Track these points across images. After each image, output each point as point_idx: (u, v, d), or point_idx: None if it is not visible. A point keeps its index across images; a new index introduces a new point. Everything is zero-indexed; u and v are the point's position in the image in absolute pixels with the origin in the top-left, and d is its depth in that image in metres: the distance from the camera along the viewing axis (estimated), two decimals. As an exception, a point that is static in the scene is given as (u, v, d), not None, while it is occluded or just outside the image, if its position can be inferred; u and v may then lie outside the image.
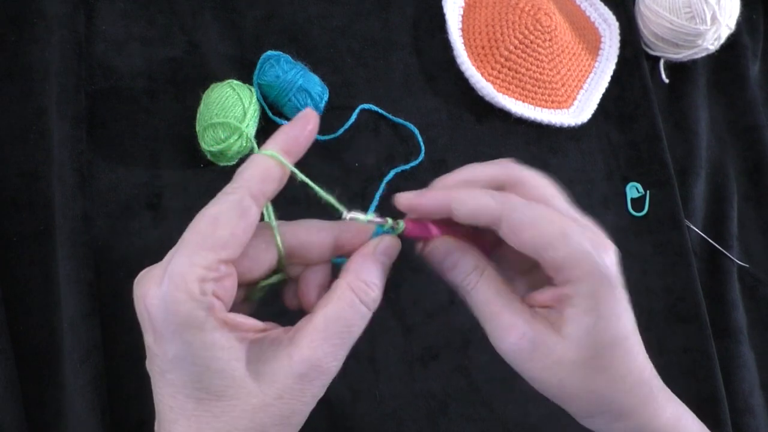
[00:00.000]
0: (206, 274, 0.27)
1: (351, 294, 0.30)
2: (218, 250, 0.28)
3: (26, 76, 0.52)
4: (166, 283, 0.27)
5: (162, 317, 0.27)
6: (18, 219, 0.49)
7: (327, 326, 0.29)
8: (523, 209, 0.30)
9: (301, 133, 0.32)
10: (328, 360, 0.29)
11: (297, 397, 0.28)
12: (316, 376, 0.29)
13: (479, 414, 0.52)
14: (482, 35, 0.61)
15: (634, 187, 0.62)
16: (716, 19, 0.62)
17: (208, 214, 0.29)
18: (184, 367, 0.28)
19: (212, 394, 0.28)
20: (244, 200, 0.29)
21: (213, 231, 0.28)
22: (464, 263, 0.32)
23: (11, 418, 0.44)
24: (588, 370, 0.30)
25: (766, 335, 0.62)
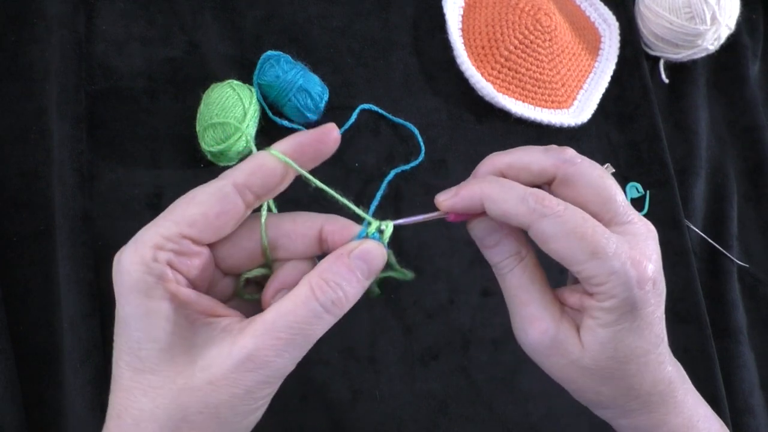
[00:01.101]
0: (163, 243, 0.28)
1: (308, 290, 0.28)
2: (183, 224, 0.28)
3: (26, 76, 0.52)
4: (128, 246, 0.28)
5: (116, 278, 0.27)
6: (18, 219, 0.49)
7: (276, 319, 0.27)
8: (553, 221, 0.29)
9: (310, 141, 0.31)
10: (269, 353, 0.27)
11: (228, 386, 0.27)
12: (254, 368, 0.27)
13: (479, 414, 0.52)
14: (482, 35, 0.61)
15: (634, 187, 0.62)
16: (716, 19, 0.62)
17: (190, 194, 0.29)
18: (127, 332, 0.27)
19: (147, 365, 0.27)
20: (226, 186, 0.29)
21: (185, 207, 0.29)
22: (505, 245, 0.33)
23: (11, 418, 0.44)
24: (599, 376, 0.31)
25: (766, 335, 0.62)
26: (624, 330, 0.30)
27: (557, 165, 0.31)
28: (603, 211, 0.31)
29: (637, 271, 0.29)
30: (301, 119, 0.55)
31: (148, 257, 0.27)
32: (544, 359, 0.32)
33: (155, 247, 0.27)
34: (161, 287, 0.27)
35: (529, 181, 0.32)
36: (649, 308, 0.30)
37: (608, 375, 0.31)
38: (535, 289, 0.32)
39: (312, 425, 0.49)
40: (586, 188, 0.31)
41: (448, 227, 0.55)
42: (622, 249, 0.29)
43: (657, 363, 0.32)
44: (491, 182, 0.32)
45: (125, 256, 0.27)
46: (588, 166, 0.31)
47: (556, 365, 0.32)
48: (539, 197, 0.30)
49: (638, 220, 0.31)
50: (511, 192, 0.31)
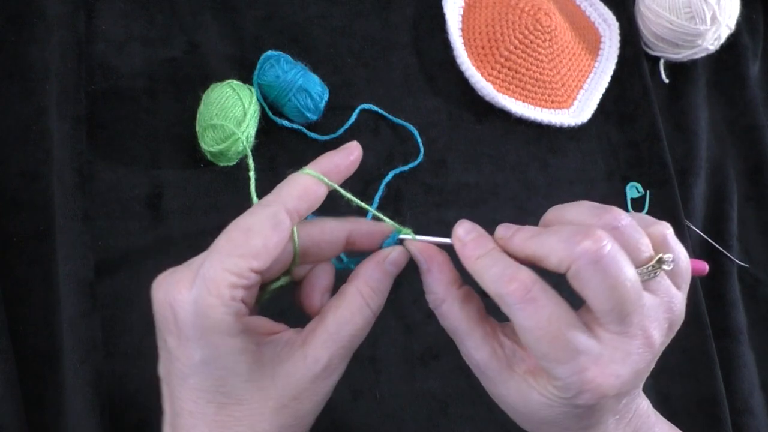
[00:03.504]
0: (237, 281, 0.28)
1: (360, 299, 0.31)
2: (250, 259, 0.28)
3: (26, 76, 0.52)
4: (198, 287, 0.27)
5: (191, 321, 0.27)
6: (18, 219, 0.49)
7: (338, 329, 0.30)
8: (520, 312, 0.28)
9: (343, 161, 0.33)
10: (338, 361, 0.30)
11: (310, 397, 0.30)
12: (327, 375, 0.30)
13: (479, 414, 0.52)
14: (482, 35, 0.61)
15: (634, 187, 0.62)
16: (716, 19, 0.62)
17: (243, 224, 0.29)
18: (209, 371, 0.28)
19: (234, 398, 0.28)
20: (279, 214, 0.30)
21: (246, 240, 0.28)
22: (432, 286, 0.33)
23: (11, 418, 0.44)
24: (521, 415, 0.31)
25: (766, 335, 0.62)
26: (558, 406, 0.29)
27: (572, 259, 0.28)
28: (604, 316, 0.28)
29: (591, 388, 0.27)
30: (301, 119, 0.55)
31: (226, 297, 0.27)
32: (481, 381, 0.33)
33: (231, 286, 0.28)
34: (239, 323, 0.28)
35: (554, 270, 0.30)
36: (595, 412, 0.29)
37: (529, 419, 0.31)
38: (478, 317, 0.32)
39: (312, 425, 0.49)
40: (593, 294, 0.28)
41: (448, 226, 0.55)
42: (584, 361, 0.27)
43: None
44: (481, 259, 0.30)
45: (200, 298, 0.27)
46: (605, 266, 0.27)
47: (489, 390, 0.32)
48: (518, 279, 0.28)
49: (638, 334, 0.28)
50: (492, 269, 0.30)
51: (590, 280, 0.27)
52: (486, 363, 0.31)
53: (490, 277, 0.29)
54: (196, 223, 0.52)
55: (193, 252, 0.51)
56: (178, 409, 0.29)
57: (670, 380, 0.56)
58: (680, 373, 0.56)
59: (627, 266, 0.28)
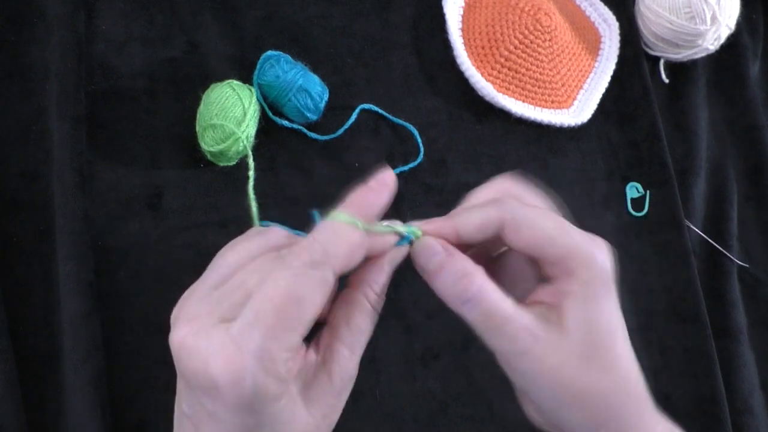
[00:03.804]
0: (289, 356, 0.27)
1: (369, 308, 0.31)
2: (302, 329, 0.27)
3: (26, 76, 0.52)
4: (249, 365, 0.26)
5: (242, 399, 0.26)
6: (18, 219, 0.49)
7: (353, 340, 0.31)
8: (521, 210, 0.31)
9: (380, 199, 0.31)
10: (354, 369, 0.31)
11: (336, 410, 0.31)
12: (348, 386, 0.31)
13: (479, 414, 0.52)
14: (482, 35, 0.61)
15: (634, 187, 0.62)
16: (716, 19, 0.62)
17: (294, 293, 0.27)
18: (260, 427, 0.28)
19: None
20: (329, 278, 0.28)
21: (298, 313, 0.27)
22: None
23: (11, 418, 0.44)
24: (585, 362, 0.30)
25: (766, 335, 0.62)
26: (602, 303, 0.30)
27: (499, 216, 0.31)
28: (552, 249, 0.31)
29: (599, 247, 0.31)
30: (301, 119, 0.55)
31: (282, 374, 0.27)
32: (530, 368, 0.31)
33: (281, 361, 0.27)
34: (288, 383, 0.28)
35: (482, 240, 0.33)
36: (612, 291, 0.31)
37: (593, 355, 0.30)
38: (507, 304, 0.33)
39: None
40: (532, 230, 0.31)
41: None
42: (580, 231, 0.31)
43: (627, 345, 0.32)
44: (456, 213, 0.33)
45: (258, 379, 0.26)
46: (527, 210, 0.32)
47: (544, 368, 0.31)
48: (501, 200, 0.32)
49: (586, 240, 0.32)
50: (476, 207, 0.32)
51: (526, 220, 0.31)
52: (534, 325, 0.30)
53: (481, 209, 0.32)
54: (196, 223, 0.52)
55: (193, 252, 0.51)
56: None
57: (670, 380, 0.56)
58: (680, 373, 0.56)
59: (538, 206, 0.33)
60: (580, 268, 0.30)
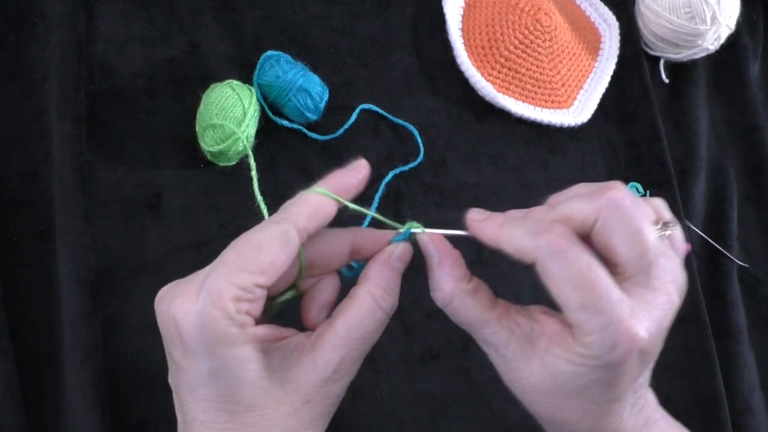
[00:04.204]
0: (242, 294, 0.28)
1: (371, 301, 0.31)
2: (257, 274, 0.28)
3: (26, 76, 0.52)
4: (202, 299, 0.28)
5: (196, 333, 0.28)
6: (18, 219, 0.49)
7: (348, 332, 0.30)
8: (556, 260, 0.28)
9: (352, 179, 0.33)
10: (348, 364, 0.30)
11: (322, 400, 0.30)
12: (338, 378, 0.30)
13: (479, 414, 0.52)
14: (482, 35, 0.61)
15: (634, 187, 0.62)
16: (716, 19, 0.62)
17: (253, 239, 0.29)
18: (218, 381, 0.28)
19: (244, 405, 0.29)
20: (290, 232, 0.29)
21: (256, 256, 0.28)
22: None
23: (11, 418, 0.44)
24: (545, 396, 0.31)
25: (766, 335, 0.62)
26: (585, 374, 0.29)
27: (599, 209, 0.29)
28: (628, 265, 0.29)
29: (625, 339, 0.27)
30: (301, 119, 0.55)
31: (231, 311, 0.28)
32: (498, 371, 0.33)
33: (236, 299, 0.28)
34: (244, 334, 0.28)
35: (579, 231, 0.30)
36: (622, 372, 0.29)
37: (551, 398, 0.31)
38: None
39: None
40: (617, 239, 0.29)
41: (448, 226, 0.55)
42: (618, 311, 0.27)
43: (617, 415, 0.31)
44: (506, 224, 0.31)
45: (203, 310, 0.27)
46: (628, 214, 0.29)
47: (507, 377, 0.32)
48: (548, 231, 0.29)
49: (660, 286, 0.29)
50: (522, 229, 0.30)
51: (616, 227, 0.29)
52: (506, 345, 0.31)
53: (522, 234, 0.30)
54: (196, 223, 0.52)
55: (193, 252, 0.51)
56: (190, 419, 0.29)
57: (670, 380, 0.56)
58: (680, 373, 0.56)
59: (647, 215, 0.29)
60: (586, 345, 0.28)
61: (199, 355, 0.28)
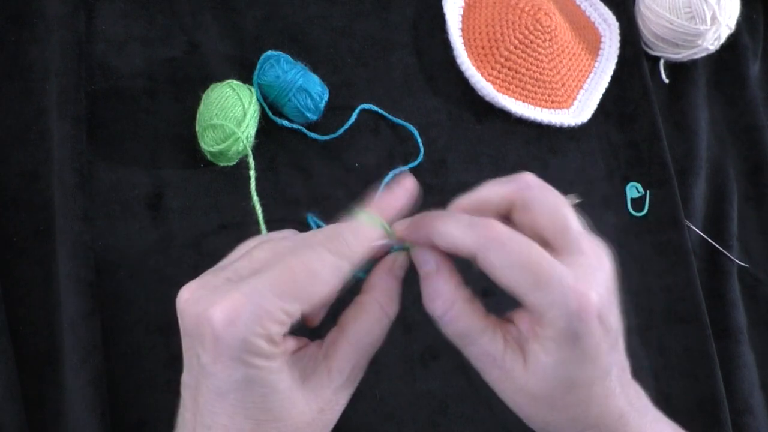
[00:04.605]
0: (287, 320, 0.28)
1: (379, 309, 0.32)
2: (306, 305, 0.29)
3: (26, 76, 0.52)
4: (248, 313, 0.27)
5: (236, 344, 0.27)
6: (18, 219, 0.49)
7: (359, 340, 0.31)
8: (497, 250, 0.29)
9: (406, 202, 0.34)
10: (357, 371, 0.32)
11: (333, 408, 0.31)
12: (348, 385, 0.31)
13: (479, 414, 0.52)
14: (482, 35, 0.61)
15: (634, 187, 0.62)
16: (716, 19, 0.62)
17: (309, 265, 0.29)
18: (250, 389, 0.28)
19: (273, 415, 0.29)
20: (344, 267, 0.30)
21: (310, 286, 0.28)
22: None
23: (11, 418, 0.44)
24: (546, 405, 0.31)
25: (766, 335, 0.62)
26: (565, 359, 0.30)
27: (515, 191, 0.32)
28: (556, 238, 0.30)
29: (579, 303, 0.29)
30: (301, 119, 0.55)
31: (274, 333, 0.28)
32: (495, 386, 0.33)
33: (280, 323, 0.28)
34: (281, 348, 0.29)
35: (494, 213, 0.32)
36: (592, 340, 0.29)
37: (552, 403, 0.31)
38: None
39: None
40: (541, 215, 0.31)
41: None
42: (566, 280, 0.29)
43: (603, 396, 0.31)
44: (438, 216, 0.32)
45: (249, 327, 0.27)
46: (544, 193, 0.31)
47: (506, 392, 0.32)
48: (484, 225, 0.30)
49: (590, 250, 0.31)
50: (458, 224, 0.31)
51: (538, 205, 0.31)
52: (503, 354, 0.32)
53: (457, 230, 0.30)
54: (196, 223, 0.52)
55: (193, 252, 0.51)
56: (210, 422, 0.29)
57: (670, 380, 0.56)
58: (680, 373, 0.56)
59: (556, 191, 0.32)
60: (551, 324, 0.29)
61: (233, 362, 0.28)
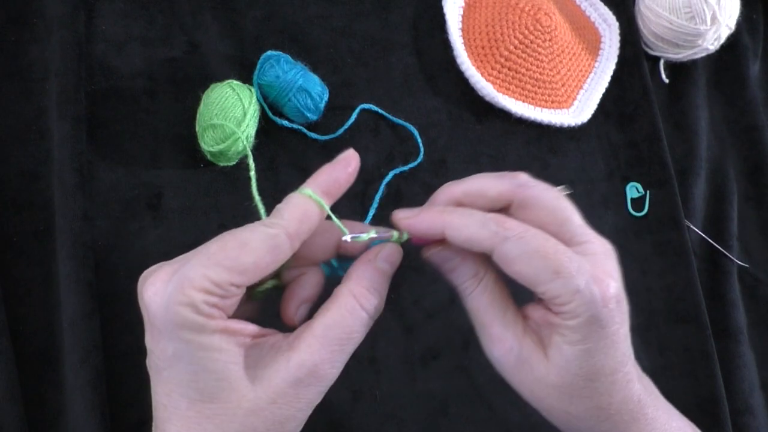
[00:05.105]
0: (213, 289, 0.27)
1: (352, 300, 0.30)
2: (235, 274, 0.28)
3: (26, 76, 0.52)
4: (172, 283, 0.27)
5: (161, 315, 0.27)
6: (18, 219, 0.49)
7: (326, 332, 0.29)
8: (515, 243, 0.29)
9: (341, 174, 0.32)
10: (326, 366, 0.29)
11: (291, 402, 0.28)
12: (312, 381, 0.29)
13: (479, 414, 0.52)
14: (482, 35, 0.61)
15: (634, 187, 0.62)
16: (716, 19, 0.62)
17: (239, 236, 0.29)
18: (181, 366, 0.28)
19: (206, 395, 0.28)
20: (279, 237, 0.29)
21: (238, 254, 0.28)
22: (462, 268, 0.33)
23: (11, 418, 0.44)
24: (566, 395, 0.31)
25: (766, 335, 0.62)
26: (590, 348, 0.30)
27: (513, 190, 0.32)
28: (561, 231, 0.31)
29: (600, 289, 0.29)
30: (301, 119, 0.55)
31: (197, 300, 0.27)
32: (512, 377, 0.32)
33: (204, 291, 0.27)
34: (211, 323, 0.28)
35: (487, 207, 0.32)
36: (614, 326, 0.30)
37: (575, 393, 0.31)
38: (496, 308, 0.32)
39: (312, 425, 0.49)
40: (542, 210, 0.31)
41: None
42: (585, 268, 0.29)
43: (625, 381, 0.31)
44: (452, 211, 0.32)
45: (171, 295, 0.27)
46: (543, 190, 0.32)
47: (524, 383, 0.32)
48: (500, 221, 0.30)
49: (595, 239, 0.31)
50: (472, 218, 0.31)
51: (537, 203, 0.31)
52: (521, 340, 0.31)
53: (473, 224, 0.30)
54: (196, 223, 0.52)
55: (193, 252, 0.51)
56: (156, 403, 0.29)
57: (670, 380, 0.56)
58: (680, 373, 0.56)
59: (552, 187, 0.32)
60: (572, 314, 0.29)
61: (164, 336, 0.27)
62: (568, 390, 0.31)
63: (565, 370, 0.30)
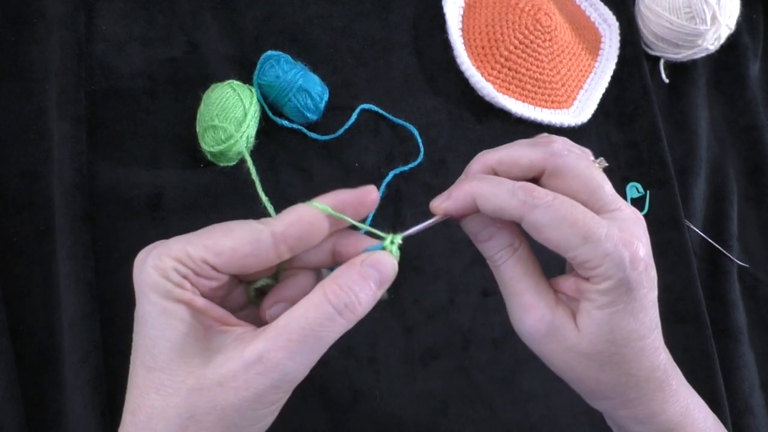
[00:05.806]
0: (186, 260, 0.28)
1: (321, 294, 0.29)
2: (210, 251, 0.29)
3: (26, 76, 0.52)
4: (155, 251, 0.29)
5: (137, 276, 0.29)
6: (18, 219, 0.49)
7: (288, 322, 0.28)
8: (545, 210, 0.30)
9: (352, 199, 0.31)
10: (280, 355, 0.27)
11: (238, 388, 0.27)
12: (264, 370, 0.27)
13: (479, 414, 0.52)
14: (482, 35, 0.61)
15: (634, 187, 0.62)
16: (716, 19, 0.62)
17: (229, 225, 0.30)
18: (145, 329, 0.29)
19: (159, 363, 0.28)
20: (263, 232, 0.30)
21: (219, 237, 0.29)
22: (498, 238, 0.33)
23: (11, 418, 0.44)
24: (597, 362, 0.32)
25: (766, 335, 0.62)
26: (619, 312, 0.31)
27: (545, 158, 0.32)
28: (592, 200, 0.31)
29: (630, 252, 0.30)
30: (301, 119, 0.55)
31: (168, 266, 0.28)
32: (543, 347, 0.33)
33: (177, 260, 0.28)
34: (178, 292, 0.28)
35: (520, 175, 0.33)
36: (643, 290, 0.31)
37: (606, 360, 0.32)
38: (529, 278, 0.33)
39: (312, 425, 0.49)
40: (574, 179, 0.32)
41: (448, 226, 0.55)
42: (613, 232, 0.30)
43: (653, 348, 0.32)
44: (480, 180, 0.32)
45: (150, 258, 0.29)
46: (575, 158, 0.32)
47: (554, 352, 0.32)
48: (528, 189, 0.31)
49: (626, 207, 0.32)
50: (501, 187, 0.31)
51: (569, 172, 0.31)
52: (553, 309, 0.32)
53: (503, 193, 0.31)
54: (196, 223, 0.51)
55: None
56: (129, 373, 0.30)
57: (670, 380, 0.56)
58: (680, 373, 0.56)
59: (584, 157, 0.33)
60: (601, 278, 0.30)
61: (138, 298, 0.29)
62: (599, 357, 0.31)
63: (596, 336, 0.31)
